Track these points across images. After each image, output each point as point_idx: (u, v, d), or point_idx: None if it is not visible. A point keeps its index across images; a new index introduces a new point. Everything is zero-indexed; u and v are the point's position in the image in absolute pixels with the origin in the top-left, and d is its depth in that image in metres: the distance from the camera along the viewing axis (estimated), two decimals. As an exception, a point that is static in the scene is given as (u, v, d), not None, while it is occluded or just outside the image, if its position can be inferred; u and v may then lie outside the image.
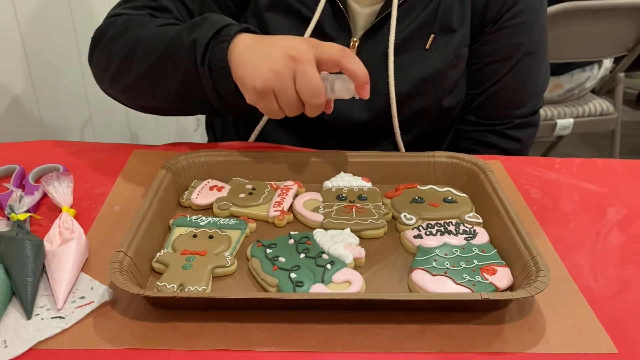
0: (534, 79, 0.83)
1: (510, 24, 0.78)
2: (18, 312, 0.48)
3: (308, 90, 0.58)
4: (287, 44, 0.59)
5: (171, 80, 0.66)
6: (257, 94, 0.60)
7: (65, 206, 0.60)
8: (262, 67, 0.58)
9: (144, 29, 0.69)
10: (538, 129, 0.88)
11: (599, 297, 0.51)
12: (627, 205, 0.65)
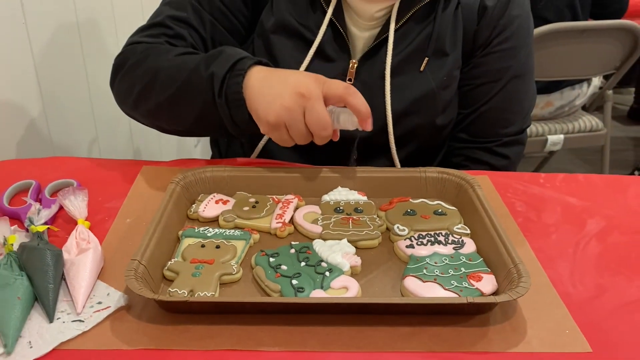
0: (522, 100, 0.88)
1: (499, 49, 0.83)
2: (41, 316, 0.52)
3: (316, 124, 0.64)
4: (297, 80, 0.65)
5: (190, 109, 0.71)
6: (270, 126, 0.66)
7: (80, 219, 0.65)
8: (275, 102, 0.64)
9: (163, 58, 0.74)
10: (525, 146, 0.92)
11: (577, 302, 0.56)
12: (605, 218, 0.69)
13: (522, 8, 0.84)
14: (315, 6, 0.81)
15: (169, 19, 0.82)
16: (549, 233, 0.67)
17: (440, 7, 0.80)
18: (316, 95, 0.64)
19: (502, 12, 0.82)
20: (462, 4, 0.82)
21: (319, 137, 0.66)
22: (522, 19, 0.84)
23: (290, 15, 0.81)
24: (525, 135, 0.91)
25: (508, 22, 0.82)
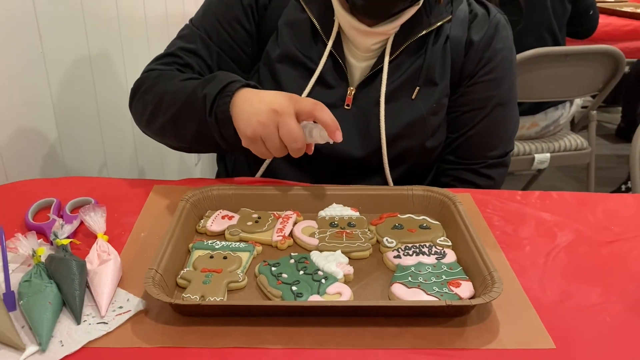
0: (505, 126, 0.96)
1: (484, 79, 0.91)
2: (69, 319, 0.59)
3: (288, 137, 0.71)
4: (272, 99, 0.72)
5: (189, 126, 0.80)
6: (248, 140, 0.74)
7: (100, 233, 0.71)
8: (252, 119, 0.72)
9: (170, 83, 0.83)
10: (508, 168, 0.99)
11: (545, 306, 0.62)
12: (574, 231, 0.77)
13: (505, 42, 0.92)
14: (317, 39, 0.89)
15: (180, 50, 0.91)
16: (523, 245, 0.74)
17: (430, 41, 0.88)
18: (288, 111, 0.71)
19: (487, 46, 0.90)
20: (450, 38, 0.90)
21: (292, 150, 0.73)
22: (505, 52, 0.92)
23: (294, 47, 0.89)
24: (509, 158, 0.98)
25: (492, 55, 0.90)
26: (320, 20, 0.89)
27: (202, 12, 0.95)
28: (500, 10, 0.94)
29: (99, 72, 1.26)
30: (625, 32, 2.28)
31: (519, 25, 1.84)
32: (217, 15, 0.92)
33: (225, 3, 0.93)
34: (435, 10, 0.88)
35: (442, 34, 0.89)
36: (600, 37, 2.23)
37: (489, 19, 0.91)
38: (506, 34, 0.92)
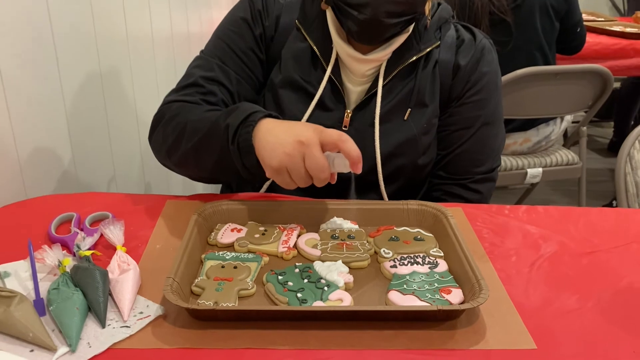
0: (491, 143, 1.02)
1: (471, 100, 0.98)
2: (95, 323, 0.65)
3: (315, 168, 0.74)
4: (297, 130, 0.76)
5: (210, 155, 0.84)
6: (273, 171, 0.76)
7: (119, 245, 0.77)
8: (278, 149, 0.75)
9: (192, 114, 0.88)
10: (495, 183, 1.06)
11: (528, 310, 0.68)
12: (557, 243, 0.83)
13: (491, 66, 0.98)
14: (317, 65, 0.96)
15: (201, 79, 0.95)
16: (509, 255, 0.80)
17: (420, 66, 0.95)
18: (314, 142, 0.74)
19: (474, 70, 0.97)
20: (439, 62, 0.96)
21: (318, 180, 0.75)
22: (490, 74, 0.98)
23: (296, 73, 0.96)
24: (496, 173, 1.05)
25: (478, 77, 0.97)
26: (319, 48, 0.95)
27: (212, 44, 1.01)
28: (485, 35, 1.01)
29: (109, 90, 1.32)
30: (614, 51, 2.35)
31: (509, 45, 1.93)
32: (230, 44, 0.98)
33: (237, 33, 0.98)
34: (425, 37, 0.95)
35: (431, 58, 0.96)
36: (590, 55, 2.31)
37: (475, 43, 0.98)
38: (491, 58, 0.99)
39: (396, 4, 0.85)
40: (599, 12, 3.02)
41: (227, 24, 1.01)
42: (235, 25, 0.99)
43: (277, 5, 0.99)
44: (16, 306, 0.63)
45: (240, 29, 0.99)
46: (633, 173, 1.30)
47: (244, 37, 0.98)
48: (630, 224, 0.89)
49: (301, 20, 0.98)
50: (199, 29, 2.16)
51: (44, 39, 1.04)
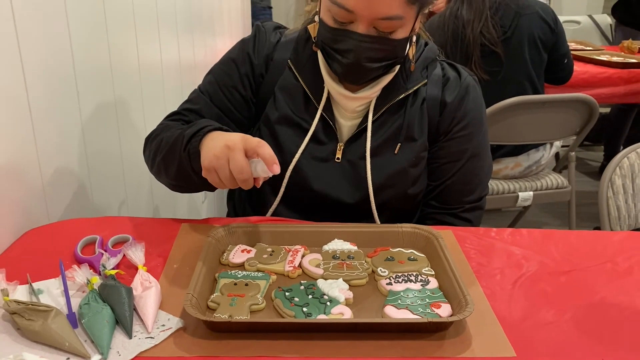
0: (479, 174, 1.10)
1: (458, 135, 1.06)
2: (122, 334, 0.72)
3: (235, 169, 0.83)
4: (227, 138, 0.85)
5: (173, 163, 0.96)
6: (205, 170, 0.87)
7: (140, 265, 0.85)
8: (210, 152, 0.86)
9: (169, 132, 1.00)
10: (484, 211, 1.14)
11: (510, 323, 0.76)
12: (538, 263, 0.91)
13: (475, 102, 1.07)
14: (309, 102, 1.04)
15: (185, 110, 1.08)
16: (494, 274, 0.88)
17: (409, 103, 1.04)
18: (238, 147, 0.83)
19: (459, 106, 1.05)
20: (426, 99, 1.05)
21: (239, 180, 0.83)
22: (475, 110, 1.07)
23: (290, 110, 1.05)
24: (484, 201, 1.13)
25: (464, 114, 1.05)
26: (310, 87, 1.04)
27: (207, 79, 1.11)
28: (470, 72, 1.09)
29: (123, 118, 1.41)
30: (600, 79, 2.46)
31: (499, 75, 2.03)
32: (218, 81, 1.09)
33: (225, 71, 1.09)
34: (412, 76, 1.04)
35: (419, 95, 1.04)
36: (577, 83, 2.41)
37: (460, 81, 1.06)
38: (475, 95, 1.07)
39: (376, 50, 0.93)
40: (588, 42, 3.14)
41: (220, 63, 1.12)
42: (225, 65, 1.10)
43: (268, 45, 1.08)
44: (53, 319, 0.71)
45: (229, 68, 1.09)
46: (615, 197, 1.39)
47: (230, 75, 1.08)
48: (605, 245, 0.98)
49: (293, 60, 1.06)
50: (204, 56, 2.27)
51: (67, 74, 1.13)
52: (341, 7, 0.91)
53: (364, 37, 0.93)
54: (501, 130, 1.97)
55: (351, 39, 0.93)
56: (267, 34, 1.09)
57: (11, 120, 0.95)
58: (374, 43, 0.93)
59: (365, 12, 0.91)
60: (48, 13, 1.04)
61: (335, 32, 0.95)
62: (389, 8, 0.90)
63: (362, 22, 0.92)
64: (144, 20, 1.54)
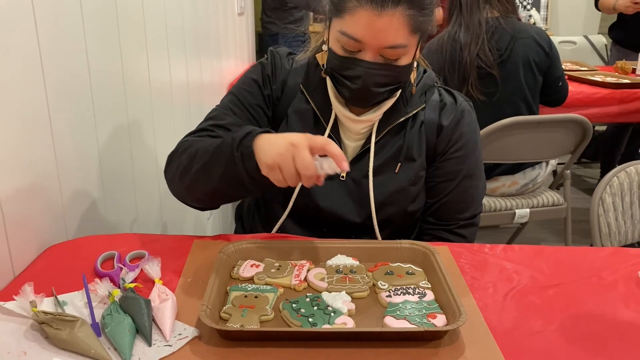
0: (473, 193, 1.17)
1: (453, 156, 1.13)
2: (142, 343, 0.78)
3: (302, 166, 0.85)
4: (290, 136, 0.87)
5: (218, 167, 0.95)
6: (268, 167, 0.88)
7: (157, 278, 0.91)
8: (272, 150, 0.87)
9: (204, 143, 1.02)
10: (478, 227, 1.20)
11: (500, 332, 0.82)
12: (528, 277, 0.97)
13: (470, 126, 1.14)
14: (319, 124, 1.12)
15: (212, 126, 1.11)
16: (487, 287, 0.94)
17: (408, 126, 1.11)
18: (303, 145, 0.85)
19: (455, 129, 1.12)
20: (425, 122, 1.12)
21: (305, 177, 0.85)
22: (470, 133, 1.14)
23: (300, 130, 1.12)
24: (478, 219, 1.19)
25: (459, 136, 1.13)
26: (320, 109, 1.11)
27: (227, 99, 1.17)
28: (466, 98, 1.17)
29: (135, 138, 1.48)
30: (594, 99, 2.53)
31: (496, 96, 2.10)
32: (241, 99, 1.14)
33: (248, 91, 1.16)
34: (411, 101, 1.11)
35: (417, 119, 1.12)
36: (572, 103, 2.49)
37: (456, 106, 1.14)
38: (470, 119, 1.15)
39: (383, 76, 1.01)
40: (583, 62, 3.22)
41: (241, 83, 1.18)
42: (247, 85, 1.16)
43: (284, 70, 1.16)
44: (79, 328, 0.77)
45: (252, 88, 1.15)
46: (605, 215, 1.45)
47: (254, 94, 1.15)
48: (592, 260, 1.04)
49: (305, 84, 1.14)
50: (211, 78, 2.35)
51: (85, 96, 1.20)
52: (351, 38, 0.99)
53: (371, 65, 1.00)
54: (498, 149, 2.04)
55: (360, 66, 1.00)
56: (282, 60, 1.17)
57: (35, 142, 1.02)
58: (380, 70, 1.01)
59: (373, 42, 0.98)
60: (69, 40, 1.12)
61: (345, 60, 1.02)
62: (394, 38, 0.98)
63: (369, 51, 1.00)
64: (155, 43, 1.61)
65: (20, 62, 0.97)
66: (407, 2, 0.96)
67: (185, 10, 1.91)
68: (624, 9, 3.17)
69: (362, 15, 0.97)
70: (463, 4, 2.06)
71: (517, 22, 2.12)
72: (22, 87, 0.97)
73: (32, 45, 0.99)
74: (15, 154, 0.96)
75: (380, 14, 0.96)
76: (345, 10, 0.99)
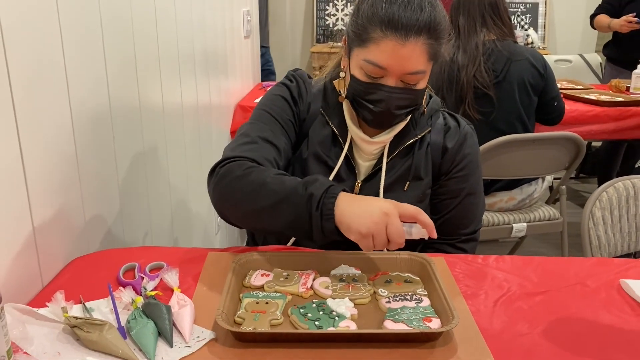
0: (474, 210, 1.26)
1: (457, 175, 1.22)
2: (164, 344, 0.86)
3: (396, 234, 0.92)
4: (380, 203, 0.94)
5: (287, 216, 0.99)
6: (361, 236, 0.94)
7: (175, 287, 1.00)
8: (366, 218, 0.93)
9: (266, 174, 1.03)
10: (478, 242, 1.28)
11: (491, 334, 0.89)
12: (517, 285, 1.05)
13: (472, 148, 1.23)
14: (336, 144, 1.20)
15: (258, 138, 1.14)
16: (479, 294, 1.02)
17: (416, 147, 1.20)
18: (395, 213, 0.93)
19: (458, 151, 1.21)
20: (430, 144, 1.21)
21: (395, 244, 0.93)
22: (472, 155, 1.23)
23: (320, 150, 1.20)
24: (478, 234, 1.28)
25: (462, 158, 1.21)
26: (339, 131, 1.20)
27: (257, 115, 1.20)
28: (468, 122, 1.26)
29: (149, 157, 1.57)
30: (589, 117, 2.62)
31: (492, 115, 2.19)
32: (274, 115, 1.19)
33: (280, 107, 1.22)
34: (419, 124, 1.20)
35: (424, 141, 1.21)
36: (568, 121, 2.58)
37: (459, 129, 1.23)
38: (472, 142, 1.24)
39: (403, 99, 1.10)
40: (578, 80, 3.31)
41: (268, 100, 1.23)
42: (277, 101, 1.23)
43: (310, 94, 1.25)
44: (107, 331, 0.86)
45: (282, 104, 1.22)
46: (595, 228, 1.53)
47: (286, 110, 1.22)
48: (578, 269, 1.11)
49: (324, 108, 1.23)
50: (218, 98, 2.45)
51: (106, 122, 1.29)
52: (376, 66, 1.08)
53: (393, 89, 1.09)
54: (495, 166, 2.13)
55: (383, 91, 1.09)
56: (306, 84, 1.26)
57: (63, 166, 1.11)
58: (402, 94, 1.10)
59: (397, 69, 1.07)
60: (92, 73, 1.22)
61: (368, 85, 1.11)
62: (416, 64, 1.07)
63: (392, 77, 1.09)
64: (168, 67, 1.71)
65: (53, 97, 1.06)
66: (427, 33, 1.06)
67: (196, 34, 2.02)
68: (618, 28, 3.27)
69: (387, 44, 1.05)
70: (461, 28, 2.16)
71: (513, 44, 2.21)
72: (53, 119, 1.07)
73: (60, 77, 1.09)
74: (46, 178, 1.05)
75: (404, 44, 1.05)
76: (370, 40, 1.07)
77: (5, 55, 0.92)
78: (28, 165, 0.99)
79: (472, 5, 2.16)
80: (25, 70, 0.97)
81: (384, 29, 1.05)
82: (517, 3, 5.03)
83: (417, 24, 1.04)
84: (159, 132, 1.65)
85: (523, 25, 5.00)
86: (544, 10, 5.02)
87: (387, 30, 1.05)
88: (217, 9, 2.33)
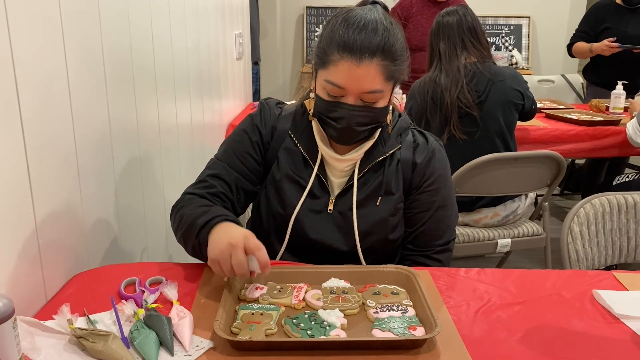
0: (446, 222, 1.32)
1: (427, 190, 1.28)
2: (165, 353, 0.92)
3: (236, 264, 1.02)
4: (231, 235, 1.05)
5: (189, 244, 1.17)
6: (210, 261, 1.06)
7: (174, 300, 1.05)
8: (215, 247, 1.05)
9: (189, 208, 1.19)
10: (452, 252, 1.34)
11: (472, 341, 0.96)
12: (498, 295, 1.11)
13: (441, 162, 1.30)
14: (307, 164, 1.27)
15: (208, 176, 1.28)
16: (461, 305, 1.08)
17: (387, 164, 1.27)
18: (240, 245, 1.02)
19: (427, 166, 1.28)
20: (400, 160, 1.28)
21: (238, 273, 1.03)
22: (441, 169, 1.29)
23: (291, 170, 1.27)
24: (452, 245, 1.34)
25: (431, 172, 1.28)
26: (307, 151, 1.27)
27: (222, 149, 1.33)
28: (436, 138, 1.32)
29: (146, 174, 1.63)
30: (570, 136, 2.71)
31: (476, 135, 2.27)
32: (233, 149, 1.30)
33: (238, 141, 1.31)
34: (388, 142, 1.27)
35: (394, 157, 1.28)
36: (549, 140, 2.67)
37: (427, 145, 1.30)
38: (441, 156, 1.30)
39: (363, 116, 1.18)
40: (560, 100, 3.42)
41: (233, 135, 1.34)
42: (238, 135, 1.32)
43: (273, 117, 1.32)
44: (112, 341, 0.91)
45: (242, 137, 1.31)
46: (573, 243, 1.60)
47: (243, 143, 1.30)
48: (554, 281, 1.18)
49: (292, 129, 1.30)
50: (212, 119, 2.51)
51: (104, 135, 1.35)
52: (335, 85, 1.16)
53: (353, 107, 1.17)
54: (479, 183, 2.20)
55: (343, 109, 1.17)
56: (271, 109, 1.33)
57: (66, 187, 1.17)
58: (361, 111, 1.17)
59: (353, 88, 1.15)
60: (94, 93, 1.28)
61: (330, 104, 1.18)
62: (371, 84, 1.15)
63: (351, 95, 1.17)
64: (164, 88, 1.78)
65: (58, 114, 1.12)
66: (382, 54, 1.14)
67: (190, 57, 2.09)
68: (600, 51, 3.38)
69: (344, 65, 1.14)
70: (442, 52, 2.25)
71: (493, 66, 2.31)
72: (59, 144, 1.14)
73: (63, 90, 1.15)
74: (52, 199, 1.11)
75: (359, 65, 1.13)
76: (330, 62, 1.16)
77: (16, 85, 0.98)
78: (35, 189, 1.05)
79: (452, 31, 2.26)
80: (34, 99, 1.04)
81: (340, 51, 1.14)
82: (501, 25, 5.17)
83: (370, 46, 1.13)
84: (155, 150, 1.71)
85: (507, 47, 5.13)
86: (528, 32, 5.17)
87: (344, 52, 1.13)
88: (210, 34, 2.41)
